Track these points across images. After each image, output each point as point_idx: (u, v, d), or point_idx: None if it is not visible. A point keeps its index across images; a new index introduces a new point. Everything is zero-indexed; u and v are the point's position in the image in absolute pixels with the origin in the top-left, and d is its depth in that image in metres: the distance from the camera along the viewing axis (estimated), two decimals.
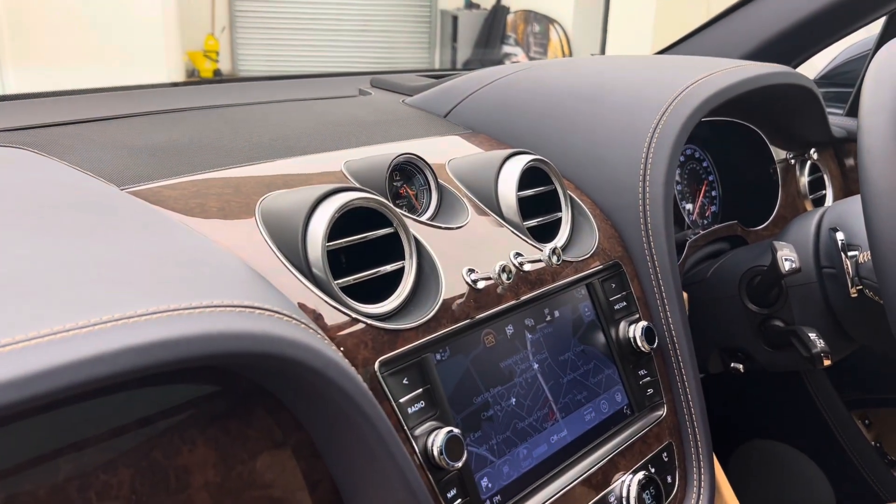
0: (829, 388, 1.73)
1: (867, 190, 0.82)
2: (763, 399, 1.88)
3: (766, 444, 1.89)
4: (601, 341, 0.89)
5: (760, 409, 1.89)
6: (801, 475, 1.81)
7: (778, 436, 1.87)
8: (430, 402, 0.70)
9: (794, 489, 1.84)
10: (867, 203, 0.83)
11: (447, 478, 0.68)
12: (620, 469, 0.84)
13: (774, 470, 1.86)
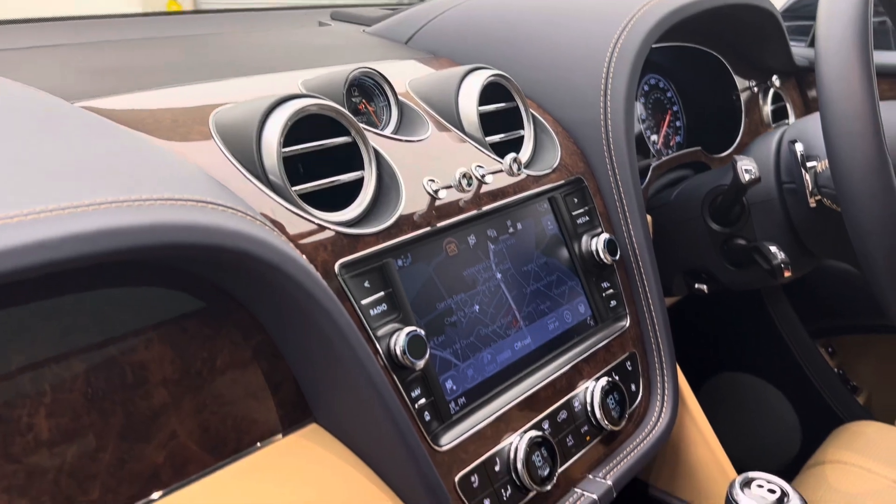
0: (794, 318, 1.77)
1: (823, 94, 0.83)
2: (731, 333, 1.91)
3: (734, 376, 1.93)
4: (564, 254, 0.89)
5: (728, 342, 1.92)
6: (768, 404, 1.86)
7: (745, 368, 1.90)
8: (393, 306, 0.70)
9: (761, 418, 1.88)
10: (824, 107, 0.84)
11: (411, 378, 0.69)
12: (584, 376, 0.85)
13: (742, 400, 1.90)
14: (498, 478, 0.73)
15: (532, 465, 0.74)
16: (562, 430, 0.80)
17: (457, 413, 0.72)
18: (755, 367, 1.88)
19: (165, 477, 0.57)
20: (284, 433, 0.65)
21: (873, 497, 1.21)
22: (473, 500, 0.70)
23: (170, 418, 0.57)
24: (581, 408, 0.83)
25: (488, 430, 0.74)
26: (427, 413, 0.69)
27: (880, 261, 0.89)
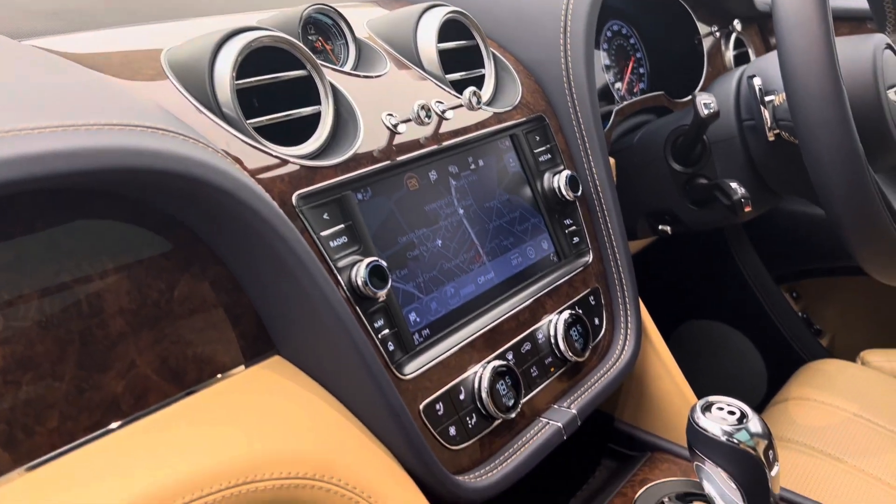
0: (759, 265, 1.80)
1: (780, 26, 0.83)
2: (697, 282, 1.94)
3: (702, 323, 1.96)
4: (527, 191, 0.90)
5: (695, 291, 1.95)
6: (735, 350, 1.89)
7: (712, 315, 1.94)
8: (353, 238, 0.70)
9: (728, 364, 1.92)
10: (780, 39, 0.84)
11: (374, 309, 0.69)
12: (548, 310, 0.86)
13: (710, 347, 1.94)
14: (463, 406, 0.74)
15: (497, 394, 0.75)
16: (526, 360, 0.81)
17: (421, 344, 0.73)
18: (722, 314, 1.91)
19: (126, 406, 0.57)
20: (247, 365, 0.65)
21: (833, 429, 1.24)
22: (439, 427, 0.71)
23: (128, 348, 0.57)
24: (545, 340, 0.84)
25: (452, 360, 0.74)
26: (391, 343, 0.69)
27: (836, 190, 0.91)
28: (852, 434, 1.23)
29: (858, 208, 0.92)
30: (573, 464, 0.99)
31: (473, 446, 0.74)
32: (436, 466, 0.68)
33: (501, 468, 0.74)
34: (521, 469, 0.75)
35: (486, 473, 0.73)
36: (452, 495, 0.69)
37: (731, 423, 0.73)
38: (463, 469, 0.73)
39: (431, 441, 0.70)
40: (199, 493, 0.54)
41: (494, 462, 0.75)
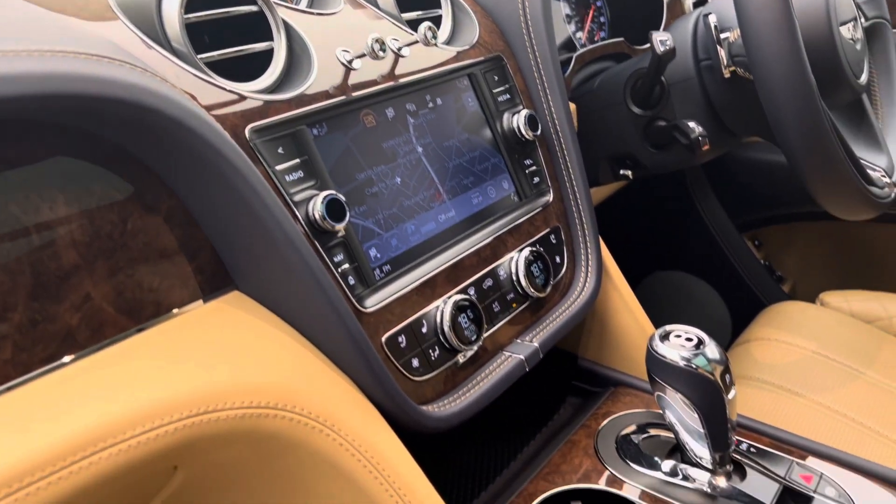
0: (722, 213, 1.82)
1: None
2: (662, 233, 1.96)
3: (667, 274, 1.99)
4: (486, 131, 0.90)
5: (660, 242, 1.97)
6: (700, 299, 1.93)
7: (677, 265, 1.97)
8: (309, 173, 0.69)
9: (693, 313, 1.95)
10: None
11: (333, 243, 0.69)
12: (509, 247, 0.87)
13: (675, 297, 1.97)
14: (426, 339, 0.74)
15: (459, 327, 0.76)
16: (488, 296, 0.82)
17: (382, 279, 0.73)
18: (686, 264, 1.94)
19: (81, 338, 0.57)
20: (205, 300, 0.65)
21: (793, 366, 1.28)
22: (402, 359, 0.72)
23: (82, 280, 0.57)
24: (506, 276, 0.85)
25: (414, 294, 0.75)
26: (351, 277, 0.70)
27: (790, 123, 0.92)
28: (811, 370, 1.27)
29: (813, 141, 0.93)
30: (539, 403, 1.01)
31: (437, 378, 0.75)
32: (399, 396, 0.68)
33: (465, 398, 0.75)
34: (484, 399, 0.76)
35: (450, 403, 0.74)
36: (417, 423, 0.70)
37: (688, 350, 0.74)
38: (427, 400, 0.74)
39: (394, 372, 0.71)
40: (157, 423, 0.54)
41: (458, 393, 0.76)
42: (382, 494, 0.64)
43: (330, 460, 0.63)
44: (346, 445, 0.63)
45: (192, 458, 0.60)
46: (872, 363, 1.28)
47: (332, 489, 0.65)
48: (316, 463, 0.64)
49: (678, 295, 1.97)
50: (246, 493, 0.68)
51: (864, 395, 1.20)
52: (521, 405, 1.01)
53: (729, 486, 0.79)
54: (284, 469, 0.65)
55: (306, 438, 0.62)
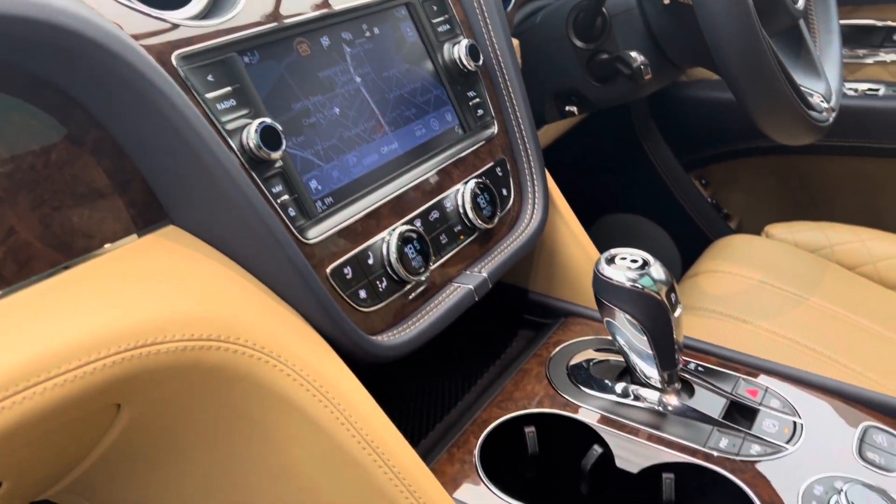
0: (668, 153, 1.84)
1: None
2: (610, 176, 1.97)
3: (617, 217, 2.01)
4: (427, 63, 0.88)
5: (609, 186, 1.99)
6: (650, 240, 1.95)
7: (626, 208, 1.99)
8: (242, 101, 0.67)
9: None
10: None
11: (270, 174, 0.67)
12: (455, 180, 0.86)
13: (626, 239, 2.00)
14: (372, 270, 0.73)
15: (406, 258, 0.75)
16: (435, 228, 0.81)
17: (324, 211, 0.72)
18: (636, 206, 1.96)
19: (8, 273, 0.54)
20: (140, 234, 0.63)
21: (740, 296, 1.30)
22: (348, 290, 0.71)
23: (4, 213, 0.54)
24: (453, 208, 0.84)
25: (358, 226, 0.74)
26: (291, 209, 0.68)
27: (730, 48, 0.93)
28: (757, 298, 1.30)
29: (753, 65, 0.94)
30: (492, 337, 1.01)
31: (385, 309, 0.74)
32: (346, 325, 0.68)
33: (414, 327, 0.75)
34: (433, 328, 0.76)
35: (399, 332, 0.74)
36: (366, 353, 0.70)
37: (634, 271, 0.75)
38: (376, 331, 0.73)
39: (341, 303, 0.70)
40: (94, 356, 0.52)
41: (407, 323, 0.75)
42: (334, 423, 0.64)
43: (278, 392, 0.62)
44: (293, 376, 0.62)
45: (134, 394, 0.58)
46: (815, 289, 1.32)
47: (284, 423, 0.64)
48: (264, 396, 0.63)
49: (629, 237, 1.99)
50: (196, 432, 0.67)
51: (807, 319, 1.24)
52: (475, 341, 1.01)
53: (678, 403, 0.80)
54: (232, 404, 0.64)
55: (252, 370, 0.61)
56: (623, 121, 1.84)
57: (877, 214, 1.69)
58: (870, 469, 0.73)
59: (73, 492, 0.78)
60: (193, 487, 0.74)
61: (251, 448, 0.67)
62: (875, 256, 1.40)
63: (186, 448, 0.69)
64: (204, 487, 0.73)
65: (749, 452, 0.74)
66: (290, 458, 0.66)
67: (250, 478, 0.70)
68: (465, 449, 0.77)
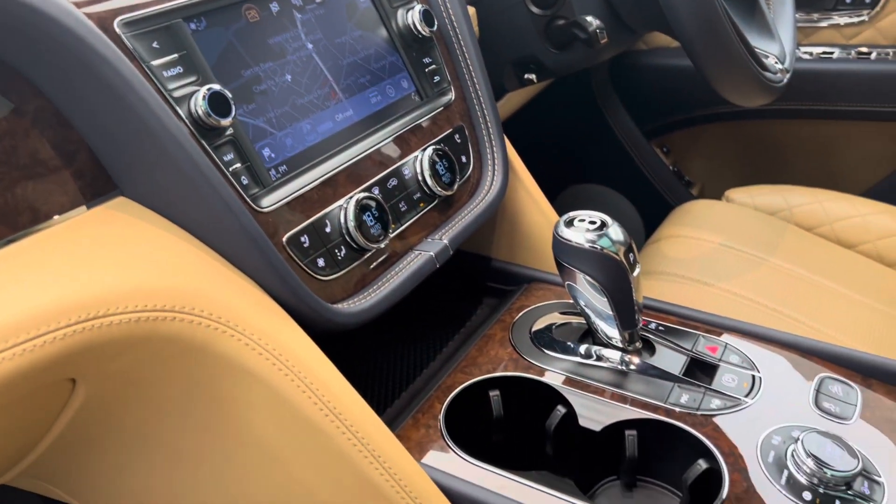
0: (630, 122, 1.85)
1: None
2: (574, 147, 1.98)
3: (581, 187, 2.02)
4: (381, 29, 0.87)
5: (573, 156, 2.00)
6: (614, 209, 1.97)
7: (590, 178, 1.99)
8: (190, 68, 0.66)
9: None
10: None
11: (221, 142, 0.66)
12: (413, 147, 0.85)
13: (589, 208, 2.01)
14: (330, 238, 0.73)
15: (364, 226, 0.74)
16: (393, 196, 0.81)
17: (278, 179, 0.71)
18: (599, 175, 1.97)
19: None
20: (89, 206, 0.62)
21: (701, 259, 1.32)
22: (306, 258, 0.70)
23: None
24: (411, 175, 0.84)
25: (314, 194, 0.73)
26: (244, 177, 0.67)
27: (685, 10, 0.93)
28: (718, 261, 1.31)
29: (707, 26, 0.95)
30: (457, 306, 1.01)
31: (345, 277, 0.74)
32: (304, 292, 0.67)
33: (375, 295, 0.75)
34: (394, 295, 0.76)
35: (360, 300, 0.73)
36: (326, 321, 0.69)
37: (593, 232, 0.75)
38: (336, 299, 0.73)
39: (299, 271, 0.69)
40: (44, 329, 0.51)
41: (368, 291, 0.75)
42: (295, 392, 0.63)
43: (237, 362, 0.62)
44: (251, 345, 0.62)
45: (88, 368, 0.57)
46: (775, 250, 1.34)
47: (245, 393, 0.64)
48: (223, 366, 0.62)
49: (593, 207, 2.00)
50: (156, 407, 0.67)
51: (766, 279, 1.26)
52: (440, 310, 1.01)
53: (640, 361, 0.81)
54: (191, 376, 0.63)
55: (209, 340, 0.60)
56: (584, 91, 1.84)
57: (833, 176, 1.72)
58: (825, 418, 0.75)
59: (35, 476, 0.77)
60: (159, 465, 0.73)
61: (214, 421, 0.67)
62: (832, 217, 1.43)
63: (148, 425, 0.68)
64: (169, 464, 0.73)
65: (709, 407, 0.76)
66: (254, 429, 0.66)
67: (215, 451, 0.69)
68: (430, 414, 0.77)
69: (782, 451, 0.70)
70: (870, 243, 1.37)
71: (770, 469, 0.69)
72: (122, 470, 0.75)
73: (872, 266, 1.34)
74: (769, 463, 0.70)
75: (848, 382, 0.79)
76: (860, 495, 0.66)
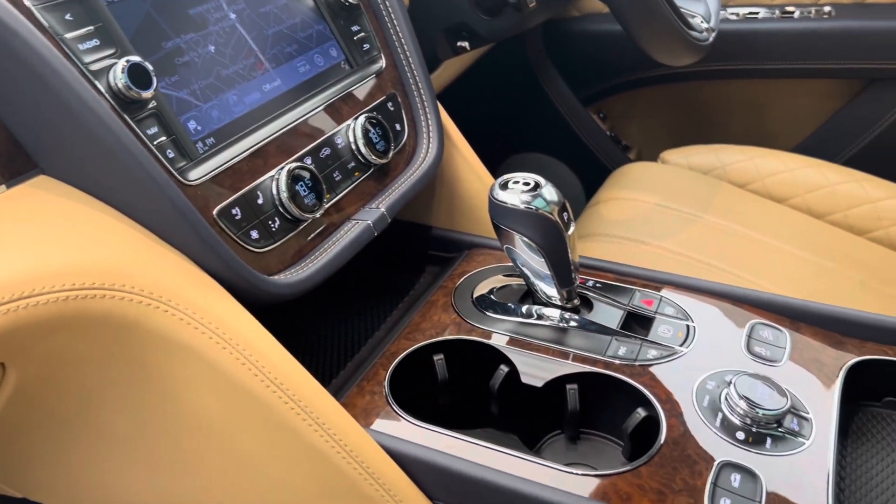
0: (566, 89, 1.86)
1: None
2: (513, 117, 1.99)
3: (522, 156, 2.03)
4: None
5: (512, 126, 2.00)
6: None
7: (530, 147, 2.01)
8: (107, 41, 0.64)
9: None
10: None
11: (144, 115, 0.64)
12: (345, 116, 0.85)
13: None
14: (263, 210, 0.72)
15: (298, 196, 0.74)
16: (327, 165, 0.80)
17: (206, 151, 0.69)
18: (538, 144, 1.99)
19: None
20: (8, 185, 0.60)
21: (638, 219, 1.35)
22: (239, 230, 0.69)
23: None
24: (344, 144, 0.83)
25: (244, 165, 0.72)
26: (170, 151, 0.66)
27: None
28: (655, 220, 1.34)
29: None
30: (399, 276, 1.01)
31: (281, 249, 0.73)
32: (238, 264, 0.66)
33: (312, 265, 0.74)
34: (332, 264, 0.76)
35: (298, 271, 0.73)
36: (263, 293, 0.69)
37: (527, 193, 0.76)
38: (272, 271, 0.72)
39: (232, 244, 0.68)
40: None
41: (305, 262, 0.75)
42: (234, 364, 0.63)
43: (172, 338, 0.61)
44: (186, 319, 0.61)
45: (17, 351, 0.56)
46: (709, 208, 1.38)
47: (183, 369, 0.63)
48: (158, 343, 0.61)
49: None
50: (93, 389, 0.65)
51: (701, 236, 1.30)
52: (383, 281, 1.02)
53: (579, 318, 0.83)
54: (126, 356, 0.62)
55: (141, 317, 0.59)
56: (520, 60, 1.85)
57: (764, 134, 1.76)
58: (756, 361, 0.78)
59: None
60: (106, 455, 0.72)
61: (154, 402, 0.66)
62: (763, 173, 1.47)
63: (86, 410, 0.67)
64: (116, 453, 0.71)
65: (646, 357, 0.78)
66: (196, 406, 0.65)
67: (158, 432, 0.69)
68: (375, 381, 0.77)
69: (716, 395, 0.73)
70: (799, 197, 1.42)
71: (705, 412, 0.71)
72: (70, 462, 0.74)
73: (802, 218, 1.38)
74: (704, 407, 0.72)
75: (777, 327, 0.82)
76: (790, 431, 0.69)
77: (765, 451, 0.68)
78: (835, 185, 1.40)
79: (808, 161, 1.46)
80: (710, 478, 0.65)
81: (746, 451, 0.68)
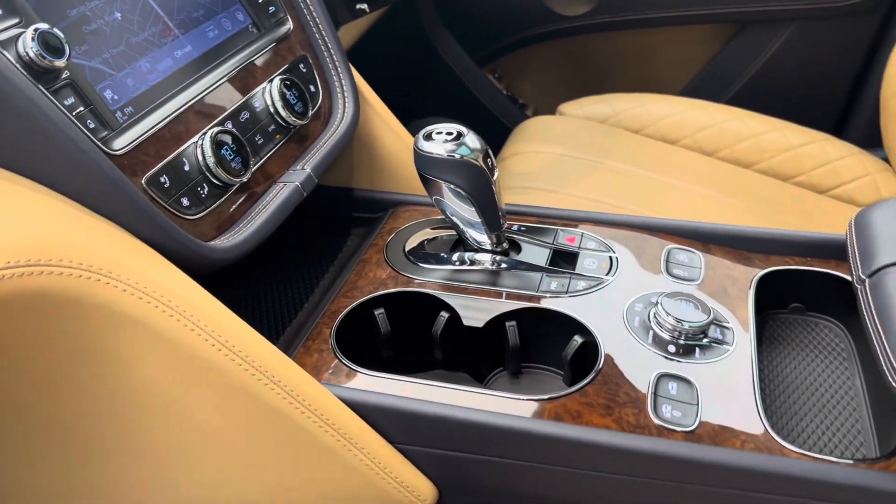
0: (461, 52, 1.88)
1: None
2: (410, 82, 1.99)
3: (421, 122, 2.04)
4: None
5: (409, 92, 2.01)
6: None
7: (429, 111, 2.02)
8: (9, 10, 0.61)
9: None
10: None
11: (59, 85, 0.62)
12: (259, 79, 0.84)
13: None
14: (190, 177, 0.71)
15: (224, 161, 0.73)
16: (248, 129, 0.80)
17: (126, 121, 0.68)
18: (436, 107, 2.00)
19: None
20: None
21: (544, 170, 1.40)
22: (169, 198, 0.68)
23: None
24: (263, 107, 0.83)
25: (166, 132, 0.70)
26: (90, 121, 0.64)
27: None
28: (560, 170, 1.40)
29: None
30: (328, 241, 1.02)
31: (213, 215, 0.72)
32: (175, 230, 0.65)
33: (246, 229, 0.74)
34: (265, 227, 0.75)
35: (232, 236, 0.72)
36: (201, 258, 0.68)
37: (451, 143, 0.78)
38: (207, 238, 0.71)
39: (165, 212, 0.67)
40: None
41: (238, 226, 0.74)
42: (183, 331, 0.62)
43: (117, 310, 0.59)
44: (129, 290, 0.60)
45: None
46: (609, 154, 1.44)
47: (129, 341, 0.61)
48: (102, 317, 0.59)
49: None
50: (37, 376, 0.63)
51: (605, 181, 1.36)
52: (311, 246, 1.01)
53: (509, 259, 0.86)
54: (70, 334, 0.60)
55: (82, 292, 0.57)
56: (413, 26, 1.86)
57: (654, 80, 1.85)
58: (677, 282, 0.83)
59: None
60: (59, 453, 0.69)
61: (103, 382, 0.64)
62: (654, 118, 1.55)
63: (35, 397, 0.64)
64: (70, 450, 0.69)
65: (576, 289, 0.82)
66: (148, 380, 0.64)
67: (113, 411, 0.67)
68: (321, 339, 0.78)
69: (645, 315, 0.78)
70: (689, 137, 1.51)
71: (637, 332, 0.76)
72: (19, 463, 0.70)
73: (694, 157, 1.47)
74: (636, 327, 0.77)
75: (691, 250, 0.88)
76: (714, 340, 0.75)
77: (695, 360, 0.73)
78: (721, 124, 1.49)
79: (694, 103, 1.55)
80: (651, 388, 0.70)
81: (679, 361, 0.73)
